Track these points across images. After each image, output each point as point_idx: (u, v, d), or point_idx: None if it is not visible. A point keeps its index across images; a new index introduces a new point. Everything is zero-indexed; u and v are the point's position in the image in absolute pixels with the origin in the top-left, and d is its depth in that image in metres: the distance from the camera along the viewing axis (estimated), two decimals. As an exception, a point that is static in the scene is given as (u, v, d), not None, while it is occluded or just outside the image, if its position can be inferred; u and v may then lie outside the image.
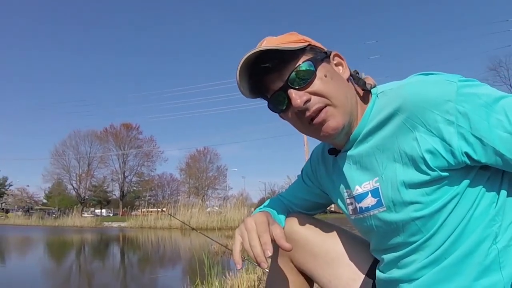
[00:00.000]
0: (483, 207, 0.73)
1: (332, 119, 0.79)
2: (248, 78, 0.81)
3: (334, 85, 0.80)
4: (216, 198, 51.41)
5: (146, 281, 5.37)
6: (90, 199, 54.68)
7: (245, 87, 0.81)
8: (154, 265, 7.11)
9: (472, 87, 0.70)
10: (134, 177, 55.10)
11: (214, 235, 11.12)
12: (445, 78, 0.72)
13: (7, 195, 57.15)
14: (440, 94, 0.70)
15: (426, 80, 0.74)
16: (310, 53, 0.81)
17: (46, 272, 6.41)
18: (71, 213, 32.29)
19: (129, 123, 54.07)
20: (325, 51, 0.84)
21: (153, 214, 24.09)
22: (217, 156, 55.43)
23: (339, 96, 0.79)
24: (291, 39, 0.82)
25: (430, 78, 0.75)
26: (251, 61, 0.78)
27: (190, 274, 4.23)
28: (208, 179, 54.08)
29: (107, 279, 5.65)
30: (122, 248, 11.42)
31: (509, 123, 0.65)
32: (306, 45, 0.81)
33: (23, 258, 8.75)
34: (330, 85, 0.79)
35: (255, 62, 0.78)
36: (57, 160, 51.77)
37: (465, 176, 0.72)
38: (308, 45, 0.81)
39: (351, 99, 0.82)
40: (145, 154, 54.16)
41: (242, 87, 0.81)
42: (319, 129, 0.80)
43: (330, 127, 0.79)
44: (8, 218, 39.64)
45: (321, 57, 0.81)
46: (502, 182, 0.74)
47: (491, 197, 0.73)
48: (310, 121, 0.80)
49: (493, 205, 0.73)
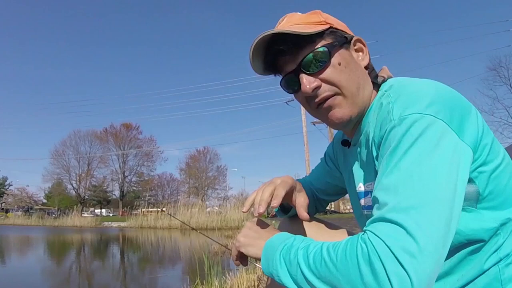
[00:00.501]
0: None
1: (339, 109, 0.78)
2: (264, 57, 0.81)
3: (347, 74, 0.77)
4: (216, 198, 51.45)
5: (146, 281, 5.37)
6: (90, 199, 54.66)
7: (258, 66, 0.81)
8: (154, 265, 7.10)
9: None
10: (134, 177, 55.21)
11: (214, 235, 11.12)
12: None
13: (7, 195, 57.12)
14: None
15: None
16: (329, 37, 0.78)
17: (46, 272, 6.41)
18: (71, 213, 32.33)
19: (129, 123, 54.17)
20: (345, 35, 0.80)
21: (153, 214, 24.08)
22: (217, 156, 55.56)
23: (350, 87, 0.77)
24: (312, 20, 0.79)
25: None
26: (267, 40, 0.77)
27: (190, 274, 4.23)
28: (208, 179, 54.07)
29: (107, 279, 5.65)
30: (122, 248, 11.41)
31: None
32: (326, 28, 0.78)
33: (23, 258, 8.74)
34: (342, 74, 0.77)
35: (271, 41, 0.77)
36: (57, 160, 51.86)
37: None
38: (328, 27, 0.78)
39: (365, 90, 0.80)
40: (145, 154, 54.23)
41: (255, 66, 0.81)
42: (325, 116, 0.80)
43: (335, 116, 0.79)
44: (8, 218, 39.62)
45: (340, 42, 0.78)
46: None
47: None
48: (318, 105, 0.80)
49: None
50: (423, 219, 0.55)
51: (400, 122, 0.64)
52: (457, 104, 0.67)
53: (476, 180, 0.67)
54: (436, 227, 0.55)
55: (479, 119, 0.70)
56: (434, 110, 0.63)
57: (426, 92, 0.67)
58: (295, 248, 0.66)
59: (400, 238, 0.54)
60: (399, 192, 0.58)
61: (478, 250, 0.69)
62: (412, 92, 0.68)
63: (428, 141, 0.60)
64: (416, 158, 0.60)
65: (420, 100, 0.65)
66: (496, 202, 0.69)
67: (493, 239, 0.68)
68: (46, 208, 55.09)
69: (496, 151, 0.70)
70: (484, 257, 0.69)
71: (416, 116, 0.63)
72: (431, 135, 0.61)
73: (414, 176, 0.58)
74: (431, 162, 0.59)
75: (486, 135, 0.69)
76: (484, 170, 0.67)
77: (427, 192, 0.57)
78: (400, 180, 0.59)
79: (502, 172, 0.69)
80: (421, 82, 0.72)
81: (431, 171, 0.58)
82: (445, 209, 0.57)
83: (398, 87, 0.73)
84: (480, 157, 0.67)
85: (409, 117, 0.63)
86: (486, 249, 0.69)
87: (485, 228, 0.68)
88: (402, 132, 0.63)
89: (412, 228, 0.54)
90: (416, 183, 0.58)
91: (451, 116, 0.64)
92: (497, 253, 0.68)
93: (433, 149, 0.60)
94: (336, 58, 0.77)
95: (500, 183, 0.69)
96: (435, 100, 0.65)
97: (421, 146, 0.60)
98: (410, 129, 0.62)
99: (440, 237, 0.55)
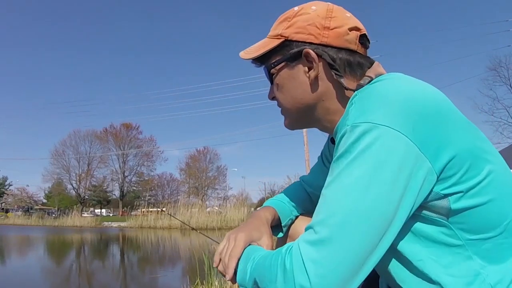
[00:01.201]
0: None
1: (285, 119, 0.86)
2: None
3: (283, 94, 0.81)
4: (216, 198, 51.48)
5: (146, 281, 5.37)
6: (90, 199, 54.66)
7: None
8: (154, 265, 7.10)
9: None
10: (134, 177, 55.15)
11: (214, 235, 11.10)
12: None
13: (7, 195, 57.12)
14: None
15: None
16: (279, 54, 0.79)
17: (46, 271, 6.41)
18: (71, 213, 32.37)
19: (129, 123, 54.09)
20: (292, 51, 0.76)
21: (153, 214, 24.09)
22: (217, 156, 55.50)
23: (287, 105, 0.82)
24: (275, 31, 0.80)
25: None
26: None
27: (190, 274, 4.23)
28: (208, 179, 54.07)
29: (107, 278, 5.65)
30: (122, 248, 11.41)
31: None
32: (277, 45, 0.78)
33: (23, 257, 8.74)
34: (280, 95, 0.82)
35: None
36: (57, 160, 51.78)
37: None
38: (281, 42, 0.78)
39: (309, 104, 0.78)
40: (145, 154, 54.19)
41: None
42: None
43: (284, 123, 0.87)
44: (8, 218, 39.64)
45: (286, 58, 0.78)
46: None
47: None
48: None
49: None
50: (341, 241, 0.56)
51: (351, 129, 0.60)
52: (429, 114, 0.59)
53: (450, 198, 0.61)
54: (351, 252, 0.56)
55: (464, 131, 0.63)
56: (393, 119, 0.57)
57: (392, 97, 0.60)
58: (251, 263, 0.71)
59: (312, 250, 0.57)
60: (330, 207, 0.59)
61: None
62: (376, 96, 0.62)
63: (375, 156, 0.57)
64: (358, 174, 0.57)
65: (381, 107, 0.59)
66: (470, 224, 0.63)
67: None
68: (46, 208, 55.13)
69: (479, 167, 0.62)
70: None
71: (367, 126, 0.58)
72: (379, 149, 0.57)
73: (349, 194, 0.57)
74: (371, 181, 0.56)
75: (470, 149, 0.61)
76: (461, 189, 0.60)
77: (355, 214, 0.56)
78: (334, 195, 0.59)
79: (481, 191, 0.61)
80: (394, 85, 0.64)
81: (368, 191, 0.56)
82: (369, 237, 0.56)
83: (368, 88, 0.67)
84: (457, 173, 0.60)
85: (360, 125, 0.59)
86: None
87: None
88: (350, 141, 0.59)
89: (328, 244, 0.56)
90: (348, 203, 0.57)
91: (415, 127, 0.57)
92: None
93: (378, 166, 0.56)
94: (276, 79, 0.81)
95: (479, 204, 0.62)
96: (400, 108, 0.59)
97: (365, 161, 0.57)
98: (358, 140, 0.58)
99: (350, 265, 0.56)
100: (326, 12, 0.76)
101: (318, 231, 0.58)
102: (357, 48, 0.77)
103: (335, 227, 0.56)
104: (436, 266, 0.64)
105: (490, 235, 0.63)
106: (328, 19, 0.76)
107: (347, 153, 0.60)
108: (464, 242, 0.62)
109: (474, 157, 0.62)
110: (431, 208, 0.62)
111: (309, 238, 0.59)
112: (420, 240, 0.64)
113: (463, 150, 0.61)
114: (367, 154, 0.57)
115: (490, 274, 0.62)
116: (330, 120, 0.78)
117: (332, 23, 0.75)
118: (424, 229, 0.64)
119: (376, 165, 0.56)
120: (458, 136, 0.61)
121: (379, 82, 0.67)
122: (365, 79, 0.74)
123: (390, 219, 0.57)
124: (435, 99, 0.63)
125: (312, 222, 0.60)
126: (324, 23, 0.75)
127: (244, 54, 0.84)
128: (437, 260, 0.64)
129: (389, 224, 0.57)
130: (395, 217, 0.57)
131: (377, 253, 0.57)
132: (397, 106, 0.59)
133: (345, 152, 0.60)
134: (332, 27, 0.75)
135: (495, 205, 0.63)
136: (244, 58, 0.83)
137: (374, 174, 0.56)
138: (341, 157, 0.60)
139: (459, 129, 0.63)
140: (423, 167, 0.58)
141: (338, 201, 0.58)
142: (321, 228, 0.58)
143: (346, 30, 0.75)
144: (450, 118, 0.62)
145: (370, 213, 0.56)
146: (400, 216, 0.58)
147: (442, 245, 0.63)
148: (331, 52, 0.75)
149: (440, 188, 0.61)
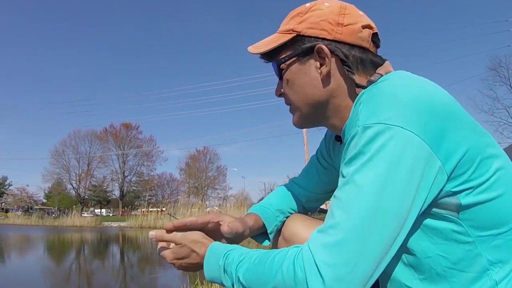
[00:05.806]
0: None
1: (293, 116, 0.84)
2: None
3: (293, 90, 0.80)
4: (216, 198, 51.43)
5: (146, 281, 5.37)
6: (90, 199, 54.61)
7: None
8: (154, 265, 7.10)
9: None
10: (134, 177, 55.10)
11: (214, 235, 11.05)
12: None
13: (7, 194, 57.10)
14: None
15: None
16: (290, 49, 0.78)
17: (46, 271, 6.41)
18: (71, 213, 32.36)
19: (129, 123, 54.02)
20: (304, 46, 0.76)
21: (153, 214, 24.10)
22: (217, 156, 55.45)
23: (297, 102, 0.80)
24: (286, 26, 0.79)
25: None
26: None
27: (190, 274, 4.23)
28: (208, 179, 54.04)
29: (107, 279, 5.65)
30: (122, 248, 11.42)
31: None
32: (289, 39, 0.77)
33: (23, 257, 8.74)
34: (290, 91, 0.81)
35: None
36: (57, 160, 51.75)
37: None
38: (294, 37, 0.77)
39: (320, 100, 0.77)
40: (145, 154, 54.13)
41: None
42: None
43: (292, 121, 0.85)
44: (8, 218, 39.61)
45: (297, 53, 0.77)
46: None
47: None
48: None
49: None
50: (358, 244, 0.56)
51: (363, 130, 0.60)
52: (439, 113, 0.60)
53: (459, 196, 0.62)
54: (368, 254, 0.56)
55: (471, 129, 0.63)
56: (405, 120, 0.58)
57: (402, 97, 0.60)
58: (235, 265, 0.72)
59: (327, 253, 0.56)
60: (346, 210, 0.58)
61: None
62: (385, 95, 0.62)
63: (389, 157, 0.57)
64: (373, 175, 0.57)
65: (391, 107, 0.59)
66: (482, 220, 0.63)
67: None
68: (46, 208, 55.05)
69: (488, 164, 0.63)
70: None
71: (381, 127, 0.58)
72: (393, 150, 0.57)
73: (365, 195, 0.57)
74: (386, 183, 0.57)
75: (478, 146, 0.62)
76: (471, 185, 0.61)
77: (372, 216, 0.56)
78: (349, 197, 0.59)
79: (491, 187, 0.62)
80: (402, 84, 0.64)
81: (384, 192, 0.56)
82: (385, 238, 0.57)
83: (375, 87, 0.66)
84: (467, 171, 0.61)
85: (372, 126, 0.59)
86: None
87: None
88: (362, 142, 0.59)
89: (344, 247, 0.56)
90: (364, 204, 0.57)
91: (426, 127, 0.58)
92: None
93: (393, 167, 0.56)
94: (286, 75, 0.80)
95: (488, 200, 0.62)
96: (409, 108, 0.58)
97: (380, 162, 0.57)
98: (372, 141, 0.58)
99: (367, 267, 0.56)
100: (339, 9, 0.77)
101: (333, 233, 0.57)
102: (370, 46, 0.77)
103: (352, 229, 0.56)
104: (445, 263, 0.64)
105: (500, 231, 0.63)
106: (341, 16, 0.76)
107: (361, 154, 0.59)
108: (474, 239, 0.63)
109: (483, 154, 0.63)
110: (441, 205, 0.62)
111: (323, 241, 0.58)
112: (429, 237, 0.65)
113: (472, 148, 0.61)
114: (381, 155, 0.57)
115: (497, 270, 0.63)
116: (340, 117, 0.78)
117: (345, 19, 0.75)
118: (434, 226, 0.64)
119: (391, 166, 0.57)
120: (466, 134, 0.62)
121: (386, 81, 0.67)
122: (376, 75, 0.74)
123: (404, 219, 0.58)
124: (443, 98, 0.64)
125: (326, 225, 0.60)
126: (338, 19, 0.75)
127: (253, 48, 0.82)
128: (446, 257, 0.64)
129: (403, 224, 0.58)
130: (408, 216, 0.58)
131: (390, 253, 0.58)
132: (408, 106, 0.59)
133: (359, 153, 0.59)
134: (345, 24, 0.75)
135: (505, 201, 0.63)
136: (253, 53, 0.82)
137: (389, 175, 0.57)
138: (355, 159, 0.60)
139: (467, 128, 0.63)
140: (435, 167, 0.59)
141: (354, 203, 0.58)
142: (337, 231, 0.57)
143: (360, 28, 0.75)
144: (458, 116, 0.63)
145: (385, 215, 0.56)
146: (412, 216, 0.59)
147: (452, 242, 0.63)
148: (344, 48, 0.74)
149: (450, 187, 0.61)
